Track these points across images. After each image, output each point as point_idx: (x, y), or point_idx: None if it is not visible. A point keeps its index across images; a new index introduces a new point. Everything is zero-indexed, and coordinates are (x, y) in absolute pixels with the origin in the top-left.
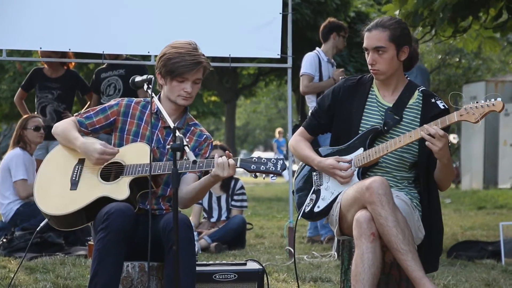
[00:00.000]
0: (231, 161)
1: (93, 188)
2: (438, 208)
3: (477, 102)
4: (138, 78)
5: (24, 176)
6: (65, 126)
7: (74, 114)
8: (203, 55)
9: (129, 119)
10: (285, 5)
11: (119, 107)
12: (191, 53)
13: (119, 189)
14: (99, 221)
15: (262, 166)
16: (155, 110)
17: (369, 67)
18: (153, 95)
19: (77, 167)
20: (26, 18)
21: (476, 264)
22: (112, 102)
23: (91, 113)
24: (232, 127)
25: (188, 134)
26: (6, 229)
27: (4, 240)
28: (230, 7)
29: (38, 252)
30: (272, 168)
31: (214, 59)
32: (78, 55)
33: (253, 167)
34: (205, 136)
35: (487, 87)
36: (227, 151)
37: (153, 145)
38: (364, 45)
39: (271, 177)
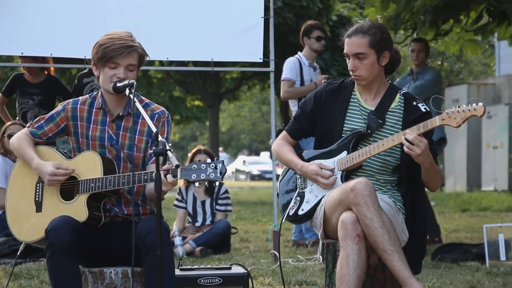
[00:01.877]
0: (169, 177)
1: (55, 210)
2: (423, 211)
3: (459, 107)
4: (119, 83)
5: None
6: (19, 144)
7: (27, 125)
8: (139, 43)
9: (79, 123)
10: (267, 9)
11: (65, 112)
12: (123, 38)
13: (78, 210)
14: None
15: (202, 174)
16: (100, 105)
17: (350, 73)
18: (135, 99)
19: (38, 185)
20: (7, 23)
21: (461, 267)
22: (59, 107)
23: (42, 122)
24: (215, 131)
25: (140, 121)
26: None
27: None
28: (212, 11)
29: (22, 258)
30: (212, 175)
31: (196, 63)
32: (60, 60)
33: (194, 176)
34: (157, 115)
35: (469, 90)
36: (165, 166)
37: (106, 144)
38: (345, 51)
39: (214, 182)
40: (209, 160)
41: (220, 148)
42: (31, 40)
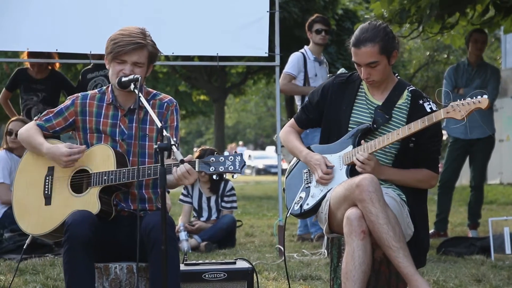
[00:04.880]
0: (186, 166)
1: (65, 202)
2: (424, 205)
3: (463, 99)
4: (124, 78)
5: (1, 180)
6: (28, 133)
7: (34, 118)
8: (151, 40)
9: (87, 118)
10: (272, 3)
11: (75, 107)
12: (133, 34)
13: (90, 202)
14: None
15: (221, 167)
16: (110, 101)
17: (364, 80)
18: (140, 94)
19: (47, 178)
20: (13, 18)
21: (466, 260)
22: (68, 101)
23: (50, 115)
24: (221, 126)
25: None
26: None
27: None
28: (217, 6)
29: (28, 253)
30: (231, 168)
31: (202, 58)
32: (65, 55)
33: (212, 169)
34: (165, 104)
35: None
36: (187, 157)
37: (117, 138)
38: (355, 60)
39: (233, 175)
40: (227, 153)
41: (240, 143)
42: (37, 35)
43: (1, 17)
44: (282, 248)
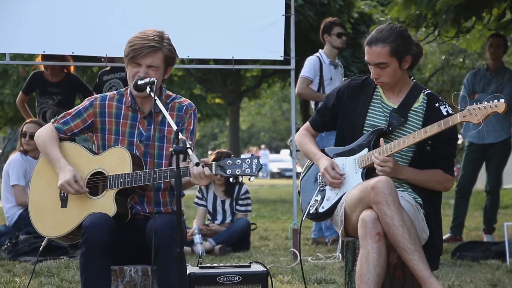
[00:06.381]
0: (207, 170)
1: (82, 205)
2: (438, 209)
3: (480, 103)
4: (140, 81)
5: (16, 182)
6: (44, 141)
7: (51, 120)
8: (168, 43)
9: (107, 119)
10: (287, 6)
11: (94, 108)
12: (149, 37)
13: (106, 205)
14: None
15: (238, 169)
16: (129, 104)
17: (374, 80)
18: (156, 98)
19: None
20: (29, 21)
21: (481, 265)
22: (86, 102)
23: (68, 117)
24: (236, 129)
25: (168, 112)
26: (10, 233)
27: (9, 244)
28: (233, 9)
29: (43, 256)
30: (247, 171)
31: (217, 61)
32: (81, 58)
33: (229, 171)
34: (185, 107)
35: None
36: (202, 159)
37: (135, 140)
38: (366, 59)
39: (249, 177)
40: (244, 156)
41: (262, 146)
42: (53, 38)
43: (18, 20)
44: (297, 252)
